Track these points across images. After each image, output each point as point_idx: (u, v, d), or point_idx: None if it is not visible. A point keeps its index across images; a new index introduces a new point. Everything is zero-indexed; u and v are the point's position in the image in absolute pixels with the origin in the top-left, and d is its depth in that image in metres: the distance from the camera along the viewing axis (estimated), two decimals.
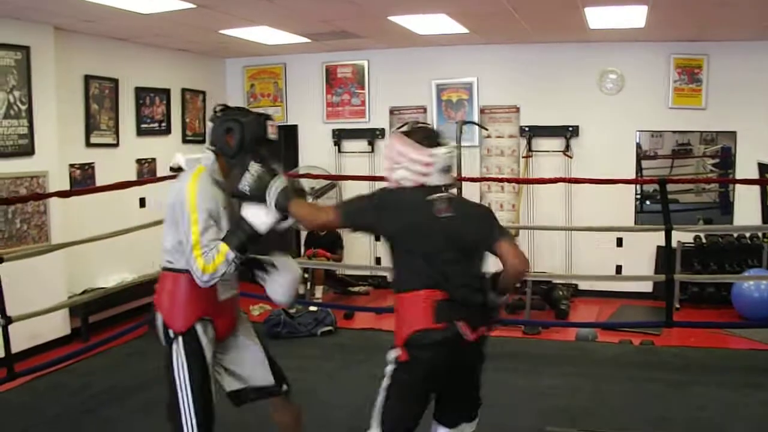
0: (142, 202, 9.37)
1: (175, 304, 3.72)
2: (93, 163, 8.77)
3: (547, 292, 9.12)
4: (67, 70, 8.31)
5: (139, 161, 9.53)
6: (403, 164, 3.52)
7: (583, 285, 9.84)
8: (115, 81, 9.07)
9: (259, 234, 3.62)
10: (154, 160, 9.69)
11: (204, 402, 3.70)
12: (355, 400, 4.97)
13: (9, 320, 5.81)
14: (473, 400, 3.71)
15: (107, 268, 8.79)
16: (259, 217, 3.60)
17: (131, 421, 5.57)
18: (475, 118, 10.16)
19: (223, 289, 3.81)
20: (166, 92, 10.00)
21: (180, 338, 3.68)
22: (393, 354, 3.51)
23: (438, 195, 3.48)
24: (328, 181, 10.10)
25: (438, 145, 3.51)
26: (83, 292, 8.01)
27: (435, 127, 3.34)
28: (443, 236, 3.43)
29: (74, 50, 8.46)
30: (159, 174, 9.36)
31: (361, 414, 4.66)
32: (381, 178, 9.46)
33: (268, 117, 3.81)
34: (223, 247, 3.54)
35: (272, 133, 3.77)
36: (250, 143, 3.67)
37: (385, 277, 10.27)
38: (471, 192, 9.98)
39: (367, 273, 10.71)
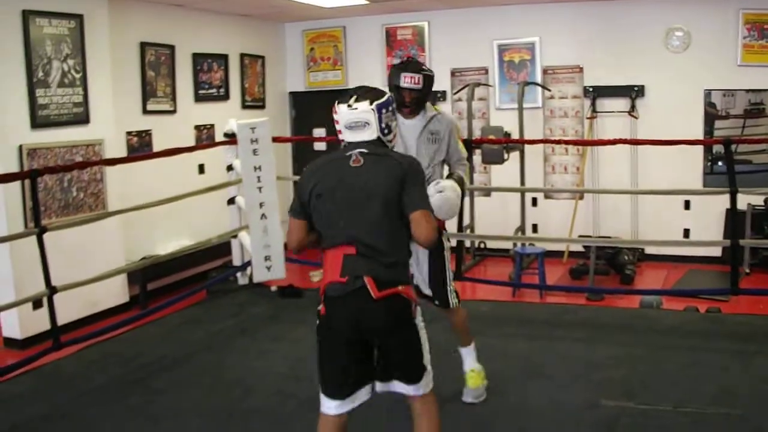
0: (201, 169, 9.33)
1: None
2: (150, 130, 8.76)
3: (612, 257, 8.89)
4: (121, 37, 8.30)
5: (197, 127, 9.50)
6: None
7: (650, 249, 9.59)
8: (172, 47, 9.03)
9: None
10: (212, 126, 9.64)
11: None
12: None
13: (54, 290, 5.83)
14: (402, 364, 3.60)
15: (166, 235, 8.78)
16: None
17: (178, 392, 5.53)
18: (538, 79, 9.92)
19: None
20: (224, 58, 9.93)
21: None
22: (318, 308, 3.60)
23: (358, 150, 3.57)
24: None
25: (344, 102, 3.60)
26: (142, 260, 7.99)
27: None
28: (353, 189, 3.50)
29: (129, 17, 8.44)
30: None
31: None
32: None
33: (405, 68, 4.74)
34: None
35: (406, 82, 4.67)
36: (392, 89, 4.63)
37: (463, 240, 10.12)
38: (534, 154, 9.80)
39: None
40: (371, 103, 3.54)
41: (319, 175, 3.58)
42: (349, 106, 3.56)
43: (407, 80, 4.66)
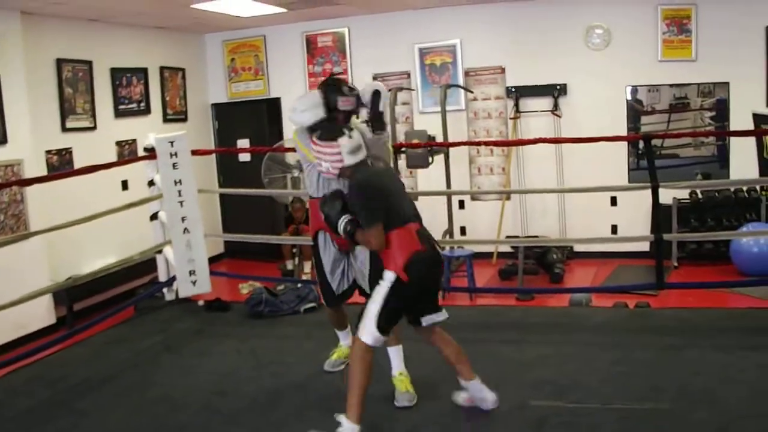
0: (125, 185, 9.21)
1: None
2: (70, 148, 8.63)
3: (541, 256, 8.95)
4: (37, 54, 8.18)
5: (119, 143, 9.38)
6: (321, 160, 4.68)
7: (579, 247, 9.68)
8: (89, 63, 8.90)
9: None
10: (134, 141, 9.51)
11: (322, 283, 5.41)
12: (332, 380, 4.81)
13: None
14: (436, 299, 4.89)
15: (91, 254, 8.64)
16: None
17: (104, 413, 5.42)
18: (460, 81, 9.95)
19: None
20: (144, 71, 9.81)
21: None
22: (392, 274, 4.47)
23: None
24: None
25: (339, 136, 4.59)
26: (67, 280, 7.83)
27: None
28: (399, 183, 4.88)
29: (44, 34, 8.30)
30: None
31: (338, 395, 4.49)
32: None
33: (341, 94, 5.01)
34: None
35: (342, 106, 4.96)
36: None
37: None
38: (459, 156, 9.83)
39: None
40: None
41: (386, 180, 4.66)
42: (350, 137, 4.55)
43: (345, 104, 4.95)
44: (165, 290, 8.26)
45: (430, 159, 9.01)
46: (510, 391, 5.21)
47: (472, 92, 9.90)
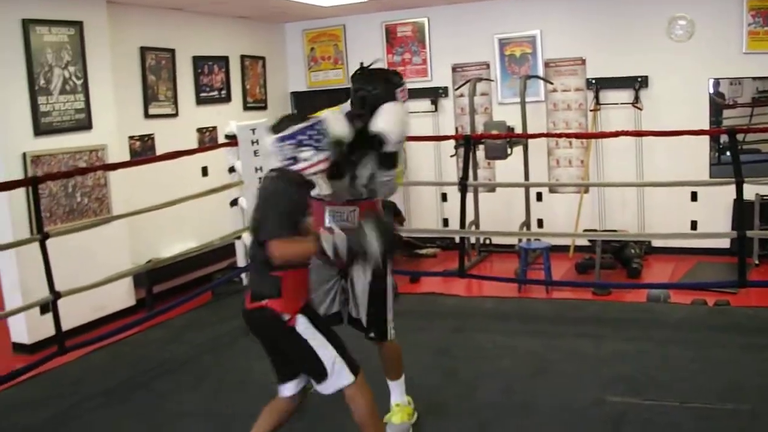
0: (205, 171, 9.33)
1: None
2: (152, 134, 8.76)
3: (618, 251, 8.85)
4: (121, 42, 8.30)
5: (199, 130, 9.48)
6: None
7: (657, 242, 9.55)
8: (172, 51, 9.02)
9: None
10: (215, 128, 9.62)
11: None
12: (406, 371, 4.82)
13: (58, 295, 5.88)
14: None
15: (171, 238, 8.77)
16: None
17: (181, 395, 5.54)
18: (540, 72, 9.87)
19: (329, 218, 4.52)
20: (225, 60, 9.92)
21: None
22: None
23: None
24: None
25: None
26: (147, 263, 7.99)
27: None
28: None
29: (128, 22, 8.42)
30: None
31: (414, 385, 4.52)
32: (445, 138, 9.42)
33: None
34: None
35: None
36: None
37: (453, 239, 10.12)
38: (538, 148, 9.75)
39: (434, 235, 10.51)
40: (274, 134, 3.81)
41: None
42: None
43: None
44: (243, 275, 8.37)
45: (509, 150, 8.97)
46: (586, 387, 5.21)
47: (551, 83, 9.83)
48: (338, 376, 3.76)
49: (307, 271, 3.88)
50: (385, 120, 4.25)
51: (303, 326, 3.74)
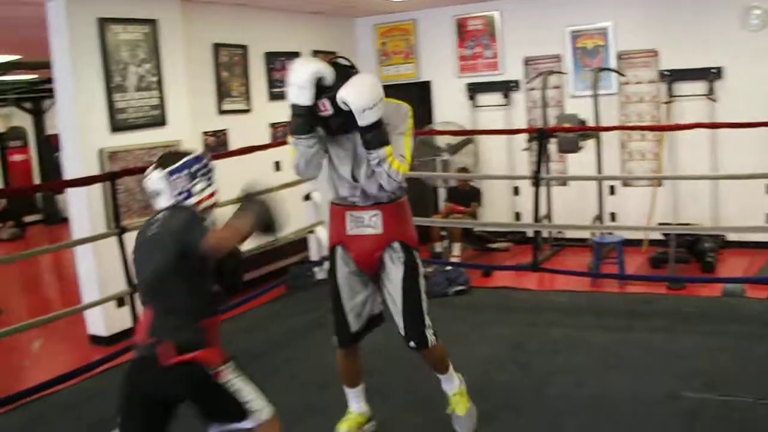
0: (278, 166, 9.41)
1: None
2: (226, 129, 8.87)
3: (692, 245, 8.74)
4: (195, 40, 8.41)
5: (272, 125, 9.57)
6: None
7: (732, 236, 9.38)
8: (244, 47, 9.12)
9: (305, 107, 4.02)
10: (287, 123, 9.67)
11: (336, 315, 4.42)
12: (480, 364, 4.83)
13: (135, 288, 5.96)
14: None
15: None
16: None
17: (257, 386, 5.60)
18: (612, 65, 9.77)
19: (351, 225, 4.33)
20: (297, 55, 9.97)
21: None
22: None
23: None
24: (464, 137, 9.95)
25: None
26: None
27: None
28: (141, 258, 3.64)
29: (201, 20, 8.54)
30: None
31: (488, 378, 4.54)
32: (517, 131, 9.40)
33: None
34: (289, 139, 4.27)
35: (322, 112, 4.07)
36: None
37: (525, 232, 10.09)
38: (611, 141, 9.65)
39: (506, 229, 10.48)
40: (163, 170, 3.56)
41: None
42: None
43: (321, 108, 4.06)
44: (316, 269, 8.45)
45: (581, 143, 8.92)
46: (661, 381, 5.17)
47: (624, 75, 9.72)
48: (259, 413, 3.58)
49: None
50: (346, 87, 3.98)
51: (230, 375, 3.50)
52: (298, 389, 5.53)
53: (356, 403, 4.63)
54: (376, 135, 4.03)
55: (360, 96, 3.96)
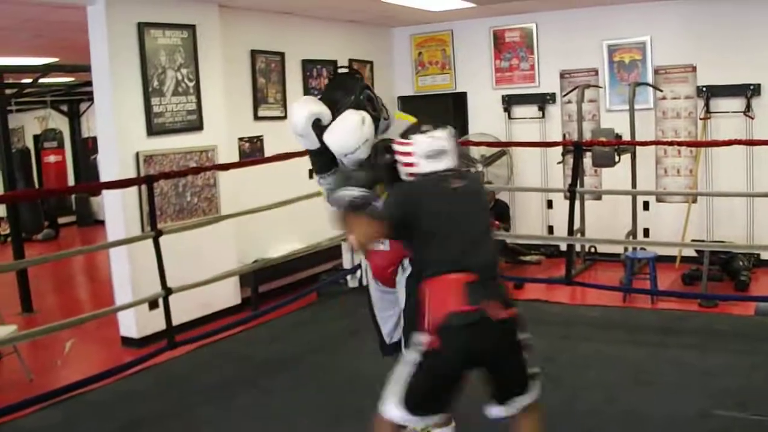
0: (311, 173, 9.42)
1: None
2: (261, 135, 8.90)
3: (726, 263, 8.68)
4: (232, 46, 8.47)
5: None
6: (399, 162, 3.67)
7: (766, 255, 9.31)
8: (281, 54, 9.16)
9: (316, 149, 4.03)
10: None
11: (374, 323, 4.44)
12: None
13: (169, 291, 6.07)
14: (519, 379, 3.55)
15: (277, 238, 8.90)
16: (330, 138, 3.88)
17: (288, 392, 5.63)
18: (649, 79, 9.73)
19: None
20: (333, 63, 10.01)
21: None
22: (422, 337, 3.44)
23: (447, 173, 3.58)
24: (499, 149, 9.94)
25: (418, 133, 3.59)
26: (254, 263, 8.14)
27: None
28: (460, 208, 3.54)
29: (239, 26, 8.60)
30: None
31: None
32: (552, 144, 9.37)
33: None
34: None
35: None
36: None
37: (557, 246, 10.06)
38: (646, 156, 9.61)
39: (539, 242, 10.44)
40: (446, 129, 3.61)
41: (430, 196, 3.54)
42: (432, 136, 3.59)
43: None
44: (349, 277, 8.47)
45: (617, 158, 8.88)
46: (692, 399, 5.13)
47: (661, 90, 9.68)
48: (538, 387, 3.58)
49: None
50: (329, 131, 3.92)
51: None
52: (330, 395, 5.54)
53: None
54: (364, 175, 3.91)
55: (339, 141, 3.88)
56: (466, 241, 3.44)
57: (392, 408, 3.50)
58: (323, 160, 4.11)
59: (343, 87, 4.13)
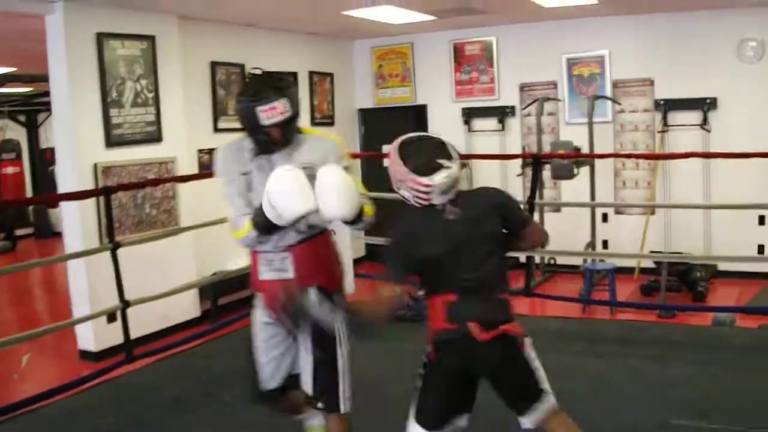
0: None
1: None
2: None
3: (684, 274, 8.76)
4: (192, 57, 8.44)
5: None
6: (404, 187, 3.42)
7: (723, 266, 9.39)
8: (242, 66, 9.12)
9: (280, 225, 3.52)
10: None
11: (251, 367, 3.89)
12: None
13: (127, 304, 6.02)
14: (524, 391, 3.56)
15: (236, 251, 8.82)
16: (288, 206, 3.41)
17: (248, 405, 5.57)
18: (608, 93, 9.82)
19: (264, 268, 3.80)
20: (294, 76, 10.01)
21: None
22: (426, 349, 3.54)
23: (444, 204, 3.42)
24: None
25: (435, 170, 3.31)
26: (213, 275, 8.10)
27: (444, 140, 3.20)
28: (458, 240, 3.42)
29: (199, 38, 8.58)
30: None
31: (477, 402, 4.50)
32: (512, 156, 9.39)
33: (261, 100, 3.60)
34: (248, 224, 3.59)
35: (269, 118, 3.60)
36: (250, 129, 3.71)
37: (517, 258, 10.09)
38: (604, 169, 9.69)
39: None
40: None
41: (423, 235, 3.45)
42: (448, 175, 3.33)
43: (270, 114, 3.60)
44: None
45: (576, 170, 8.94)
46: (652, 409, 5.16)
47: (619, 104, 9.76)
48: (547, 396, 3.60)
49: None
50: (326, 203, 3.49)
51: (529, 347, 3.56)
52: None
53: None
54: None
55: (342, 210, 3.55)
56: (456, 264, 3.42)
57: (413, 428, 3.53)
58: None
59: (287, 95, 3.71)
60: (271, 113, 3.60)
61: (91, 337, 7.19)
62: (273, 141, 3.69)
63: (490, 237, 3.48)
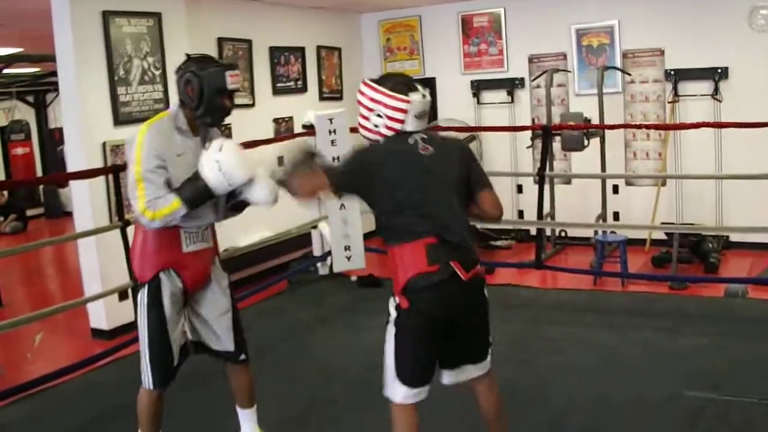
0: (281, 161, 9.37)
1: (142, 254, 3.96)
2: (230, 124, 8.82)
3: (695, 245, 8.72)
4: (199, 33, 8.39)
5: (276, 120, 9.56)
6: (376, 112, 3.54)
7: (735, 237, 9.36)
8: (249, 42, 9.10)
9: (215, 194, 3.80)
10: (291, 118, 9.69)
11: (160, 350, 4.04)
12: None
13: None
14: (479, 344, 3.71)
15: (247, 227, 8.83)
16: (235, 172, 3.76)
17: (259, 380, 5.55)
18: (618, 63, 9.75)
19: (187, 241, 3.96)
20: (301, 50, 9.98)
21: (145, 287, 3.96)
22: (393, 302, 3.52)
23: (418, 136, 3.52)
24: (468, 134, 9.93)
25: (411, 91, 3.51)
26: (224, 251, 8.09)
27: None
28: (430, 176, 3.48)
29: (206, 14, 8.54)
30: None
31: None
32: (521, 128, 9.36)
33: (229, 67, 3.88)
34: (175, 200, 3.69)
35: (233, 83, 3.82)
36: (210, 95, 3.77)
37: (528, 230, 10.07)
38: (615, 140, 9.63)
39: (509, 227, 10.43)
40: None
41: (392, 162, 3.51)
42: (423, 96, 3.54)
43: (235, 79, 3.87)
44: (319, 265, 8.45)
45: (586, 142, 8.90)
46: (663, 381, 5.16)
47: (629, 74, 9.70)
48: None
49: None
50: (254, 189, 4.07)
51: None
52: (300, 383, 5.53)
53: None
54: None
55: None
56: (428, 202, 3.46)
57: (394, 389, 3.53)
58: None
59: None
60: (236, 79, 3.85)
61: (103, 315, 7.20)
62: (228, 108, 3.90)
63: (459, 183, 3.56)
